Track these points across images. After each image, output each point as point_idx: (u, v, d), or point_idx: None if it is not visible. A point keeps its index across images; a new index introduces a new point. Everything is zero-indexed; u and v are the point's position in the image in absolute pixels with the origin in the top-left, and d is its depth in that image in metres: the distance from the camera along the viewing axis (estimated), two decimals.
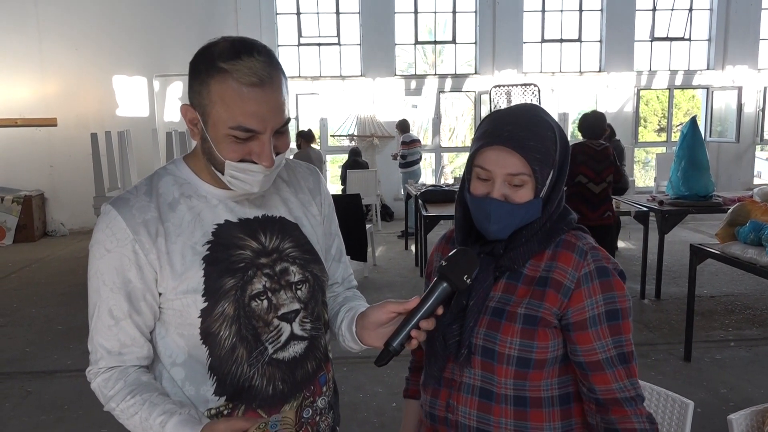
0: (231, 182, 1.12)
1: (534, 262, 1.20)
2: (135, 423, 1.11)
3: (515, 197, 1.15)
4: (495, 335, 1.17)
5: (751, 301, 5.30)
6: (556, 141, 1.17)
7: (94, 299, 1.14)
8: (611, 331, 1.15)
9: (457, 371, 1.22)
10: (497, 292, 1.21)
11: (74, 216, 9.51)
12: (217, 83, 1.04)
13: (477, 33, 10.26)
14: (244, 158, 1.08)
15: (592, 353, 1.15)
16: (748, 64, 10.28)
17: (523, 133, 1.14)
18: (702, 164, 5.02)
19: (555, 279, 1.17)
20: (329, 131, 10.58)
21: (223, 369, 1.15)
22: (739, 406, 3.24)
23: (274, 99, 1.05)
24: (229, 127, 1.05)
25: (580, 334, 1.16)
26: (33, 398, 3.75)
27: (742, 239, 3.51)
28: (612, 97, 10.32)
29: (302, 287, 1.21)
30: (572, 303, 1.16)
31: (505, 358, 1.16)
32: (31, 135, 9.40)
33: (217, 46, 1.06)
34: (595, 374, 1.16)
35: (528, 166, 1.13)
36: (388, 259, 7.29)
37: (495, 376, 1.17)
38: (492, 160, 1.15)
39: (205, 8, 9.56)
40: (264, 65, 1.04)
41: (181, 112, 1.11)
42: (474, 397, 1.20)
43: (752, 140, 10.46)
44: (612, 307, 1.15)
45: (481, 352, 1.18)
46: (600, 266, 1.17)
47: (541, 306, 1.16)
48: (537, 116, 1.18)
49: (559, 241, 1.21)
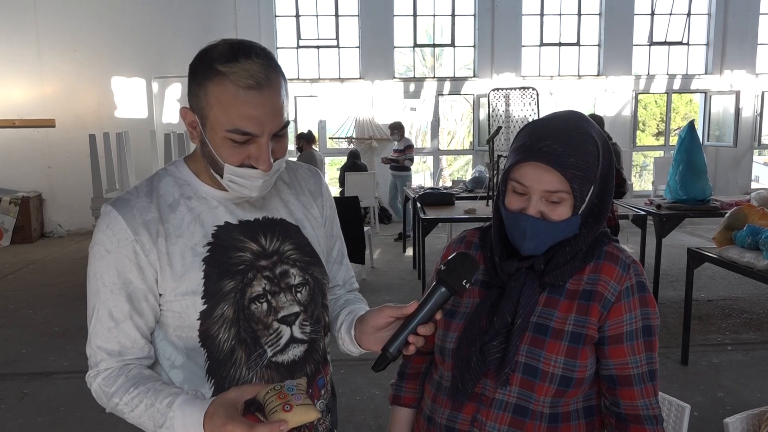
0: (230, 186, 1.11)
1: (575, 275, 1.18)
2: (140, 412, 1.08)
3: (552, 215, 1.11)
4: (539, 353, 1.14)
5: (748, 305, 5.31)
6: (599, 156, 1.12)
7: (93, 301, 1.13)
8: (645, 347, 1.15)
9: (490, 387, 1.18)
10: (538, 307, 1.17)
11: (72, 217, 9.49)
12: (214, 86, 1.03)
13: (476, 36, 10.28)
14: (243, 163, 1.07)
15: (624, 367, 1.14)
16: (746, 68, 10.31)
17: (563, 149, 1.08)
18: (700, 168, 5.03)
19: (598, 291, 1.15)
20: (328, 134, 10.58)
21: (222, 372, 1.14)
22: (736, 410, 3.24)
23: (271, 102, 1.04)
24: (226, 130, 1.04)
25: (615, 347, 1.14)
26: (29, 400, 3.74)
27: (740, 243, 3.52)
28: (610, 101, 10.34)
29: (302, 290, 1.20)
30: (611, 316, 1.14)
31: (549, 376, 1.13)
32: (29, 136, 9.38)
33: (216, 48, 1.06)
34: (623, 389, 1.15)
35: (567, 183, 1.08)
36: (386, 261, 7.29)
37: (534, 393, 1.14)
38: (529, 176, 1.11)
39: (203, 10, 9.56)
40: (262, 68, 1.03)
41: (181, 114, 1.11)
42: (507, 414, 1.16)
43: (750, 145, 10.48)
44: (647, 323, 1.15)
45: (523, 369, 1.15)
46: (640, 281, 1.16)
47: (586, 321, 1.14)
48: (578, 129, 1.12)
49: (600, 252, 1.18)
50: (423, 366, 1.39)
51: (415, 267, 6.73)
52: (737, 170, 10.49)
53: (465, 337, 1.19)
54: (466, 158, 13.66)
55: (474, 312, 1.21)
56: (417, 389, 1.39)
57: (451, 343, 1.21)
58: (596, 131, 1.14)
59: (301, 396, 1.02)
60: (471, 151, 10.98)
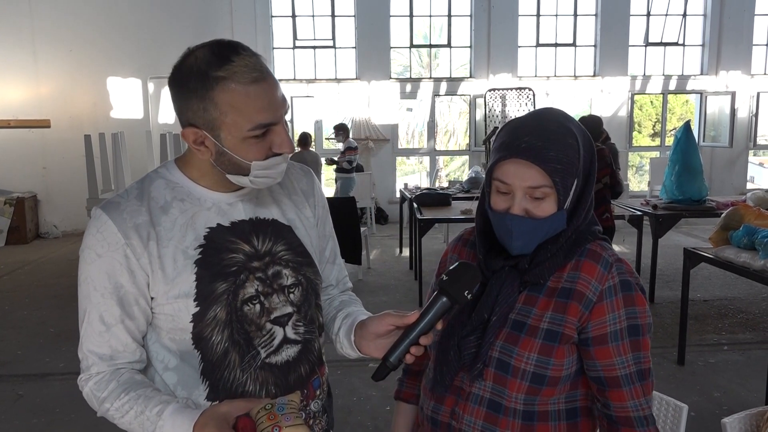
0: (254, 181, 1.11)
1: (556, 273, 1.17)
2: (130, 419, 1.08)
3: (537, 211, 1.11)
4: (512, 349, 1.14)
5: (744, 305, 5.32)
6: (579, 148, 1.12)
7: (84, 305, 1.12)
8: (632, 347, 1.13)
9: (467, 381, 1.19)
10: (518, 304, 1.17)
11: (67, 218, 9.45)
12: (221, 93, 1.02)
13: (472, 37, 10.28)
14: (267, 155, 1.08)
15: (611, 368, 1.13)
16: (742, 69, 10.33)
17: (542, 144, 1.09)
18: (696, 169, 5.05)
19: (578, 290, 1.13)
20: (324, 134, 10.58)
21: (216, 374, 1.14)
22: (733, 410, 3.25)
23: (275, 87, 1.06)
24: (248, 129, 1.04)
25: (600, 348, 1.13)
26: (24, 401, 3.72)
27: (736, 243, 3.52)
28: (606, 102, 10.36)
29: (295, 290, 1.19)
30: (593, 316, 1.12)
31: (520, 372, 1.13)
32: (24, 136, 9.34)
33: (197, 58, 1.03)
34: (612, 390, 1.14)
35: (548, 178, 1.09)
36: (382, 262, 7.28)
37: (506, 389, 1.14)
38: (511, 173, 1.11)
39: (200, 10, 9.54)
40: (254, 59, 1.04)
41: (183, 137, 1.09)
42: (482, 408, 1.17)
43: (745, 145, 10.51)
44: (633, 322, 1.13)
45: (496, 364, 1.15)
46: (624, 280, 1.14)
47: (563, 320, 1.13)
48: (556, 123, 1.12)
49: (583, 250, 1.17)
50: (425, 363, 1.39)
51: (411, 267, 6.72)
52: (732, 170, 10.52)
53: (446, 332, 1.20)
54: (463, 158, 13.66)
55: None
56: (417, 385, 1.40)
57: (437, 336, 1.22)
58: (576, 126, 1.15)
59: (291, 416, 1.01)
60: (467, 151, 10.99)
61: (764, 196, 5.11)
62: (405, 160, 15.80)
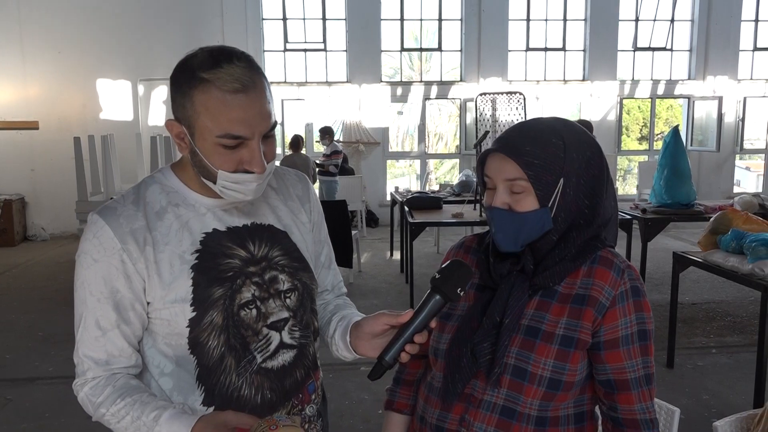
0: (224, 192, 1.11)
1: (569, 279, 1.18)
2: (126, 424, 1.08)
3: (517, 206, 1.14)
4: (528, 355, 1.14)
5: (732, 308, 5.37)
6: (564, 149, 1.14)
7: (80, 310, 1.12)
8: (641, 351, 1.15)
9: (479, 388, 1.18)
10: (530, 309, 1.18)
11: (55, 220, 9.38)
12: (200, 93, 1.03)
13: (462, 40, 10.32)
14: (237, 168, 1.07)
15: (621, 372, 1.15)
16: (728, 74, 10.44)
17: (520, 140, 1.14)
18: (684, 173, 5.09)
19: (592, 296, 1.15)
20: (315, 137, 10.57)
21: (212, 379, 1.14)
22: (722, 413, 3.28)
23: (258, 103, 1.05)
24: (217, 135, 1.04)
25: (611, 352, 1.15)
26: (13, 406, 3.69)
27: (724, 247, 3.56)
28: (595, 106, 10.43)
29: (291, 295, 1.20)
30: (606, 321, 1.14)
31: (537, 378, 1.13)
32: (12, 138, 9.27)
33: (196, 57, 1.05)
34: (621, 393, 1.15)
35: (522, 170, 1.12)
36: (373, 265, 7.28)
37: (522, 396, 1.15)
38: (492, 166, 1.17)
39: (190, 12, 9.50)
40: (245, 70, 1.04)
41: (167, 127, 1.10)
42: (494, 415, 1.16)
43: (732, 149, 10.62)
44: (642, 327, 1.15)
45: (512, 371, 1.15)
46: (634, 285, 1.16)
47: (578, 325, 1.14)
48: (545, 124, 1.17)
49: (594, 257, 1.19)
50: (418, 372, 1.39)
51: (402, 271, 6.73)
52: (720, 174, 10.62)
53: (457, 338, 1.20)
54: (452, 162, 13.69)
55: (466, 314, 1.22)
56: (411, 395, 1.39)
57: (445, 344, 1.22)
58: (570, 129, 1.17)
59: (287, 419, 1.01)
60: (458, 154, 11.02)
61: (751, 200, 5.17)
62: (395, 163, 15.81)
